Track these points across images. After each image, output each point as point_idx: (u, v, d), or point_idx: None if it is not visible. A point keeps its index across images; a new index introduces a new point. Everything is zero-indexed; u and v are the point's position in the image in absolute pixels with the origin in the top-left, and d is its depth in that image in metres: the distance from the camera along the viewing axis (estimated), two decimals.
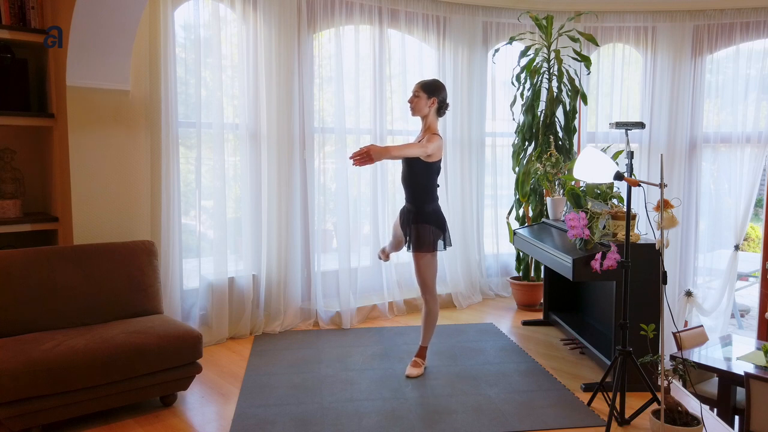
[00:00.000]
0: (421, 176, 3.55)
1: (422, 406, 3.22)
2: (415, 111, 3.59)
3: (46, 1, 3.64)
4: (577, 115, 5.19)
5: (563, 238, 3.89)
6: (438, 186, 3.67)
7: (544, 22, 5.07)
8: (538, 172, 4.68)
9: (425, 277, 3.62)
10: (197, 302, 4.24)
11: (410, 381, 3.56)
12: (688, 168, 5.80)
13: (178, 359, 3.12)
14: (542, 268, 5.08)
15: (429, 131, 3.57)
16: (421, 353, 3.74)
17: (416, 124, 5.54)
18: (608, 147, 4.51)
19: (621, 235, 3.31)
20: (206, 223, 4.34)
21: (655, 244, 2.91)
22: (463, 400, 3.29)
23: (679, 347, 4.17)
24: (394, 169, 5.01)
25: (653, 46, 5.74)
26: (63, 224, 3.69)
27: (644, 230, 3.69)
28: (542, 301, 4.97)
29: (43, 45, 3.59)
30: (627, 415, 3.02)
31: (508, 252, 5.71)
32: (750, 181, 5.59)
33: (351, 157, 3.17)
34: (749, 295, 8.24)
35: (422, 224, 3.55)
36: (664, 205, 2.77)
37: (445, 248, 3.68)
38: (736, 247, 5.67)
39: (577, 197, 3.74)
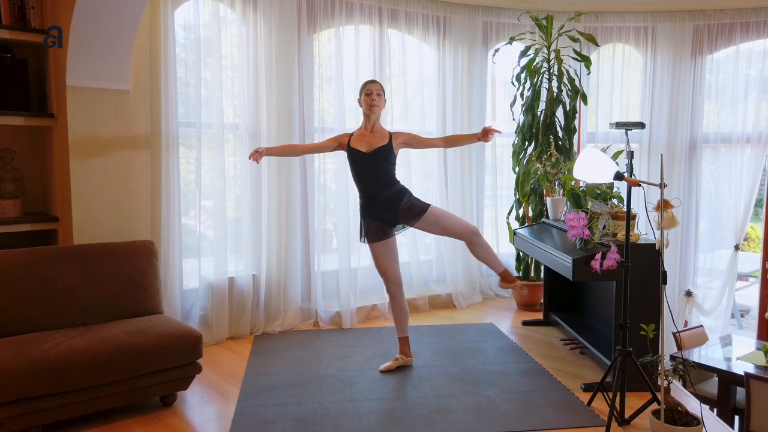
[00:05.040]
0: (395, 167, 3.71)
1: (422, 406, 3.22)
2: (378, 109, 3.65)
3: (46, 1, 3.64)
4: (577, 115, 5.18)
5: (563, 238, 3.89)
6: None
7: (544, 22, 5.07)
8: (538, 172, 4.68)
9: (451, 218, 3.69)
10: (197, 302, 4.23)
11: (410, 381, 3.56)
12: (688, 168, 5.80)
13: (178, 359, 3.12)
14: (542, 268, 5.08)
15: (382, 128, 3.71)
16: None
17: (418, 124, 5.47)
18: (608, 147, 4.50)
19: (621, 235, 3.31)
20: (206, 223, 4.34)
21: (655, 244, 2.91)
22: (463, 400, 3.29)
23: (679, 347, 4.17)
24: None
25: (653, 46, 5.73)
26: (63, 224, 3.69)
27: (644, 230, 3.69)
28: (542, 301, 4.97)
29: (43, 45, 3.59)
30: (627, 415, 3.02)
31: (508, 252, 5.70)
32: (750, 181, 5.59)
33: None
34: (749, 295, 8.24)
35: (409, 195, 3.64)
36: (664, 205, 2.77)
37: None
38: (736, 247, 5.67)
39: (577, 197, 3.74)
